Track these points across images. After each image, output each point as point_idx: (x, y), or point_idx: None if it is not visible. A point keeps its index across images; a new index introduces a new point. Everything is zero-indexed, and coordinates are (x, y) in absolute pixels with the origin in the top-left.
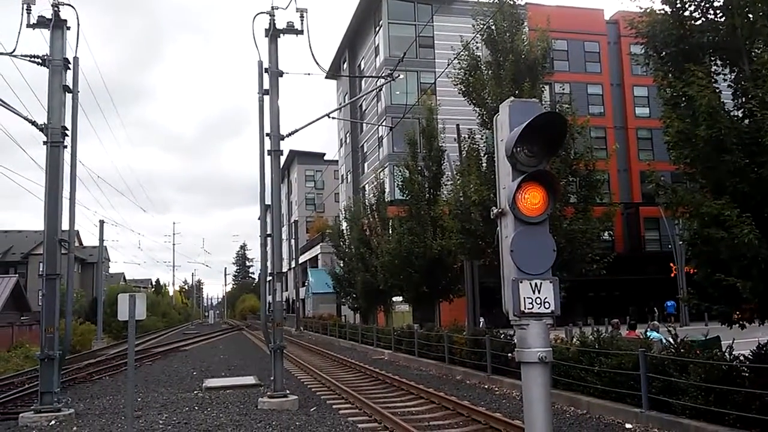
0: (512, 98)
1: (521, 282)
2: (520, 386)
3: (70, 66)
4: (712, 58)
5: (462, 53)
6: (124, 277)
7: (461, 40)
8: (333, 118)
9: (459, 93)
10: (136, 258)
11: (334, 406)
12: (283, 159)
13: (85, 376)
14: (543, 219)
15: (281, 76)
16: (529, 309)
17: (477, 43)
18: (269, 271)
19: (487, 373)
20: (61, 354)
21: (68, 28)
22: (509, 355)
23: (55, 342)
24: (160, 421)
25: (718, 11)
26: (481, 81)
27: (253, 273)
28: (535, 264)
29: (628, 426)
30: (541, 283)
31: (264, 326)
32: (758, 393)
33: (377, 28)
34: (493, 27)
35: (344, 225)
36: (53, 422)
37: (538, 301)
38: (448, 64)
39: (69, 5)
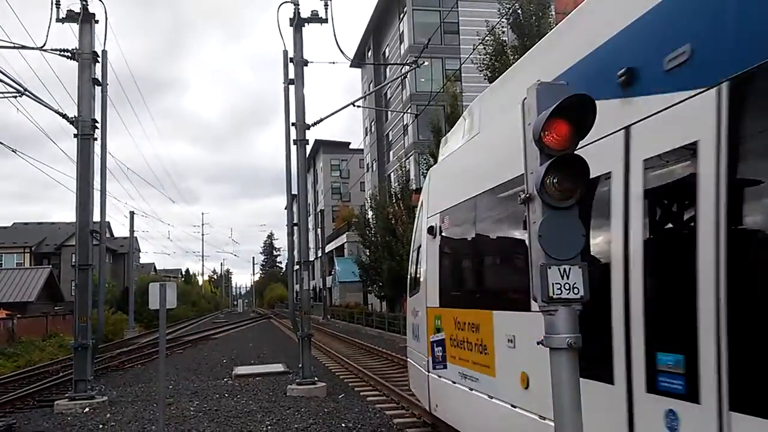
0: (540, 81)
1: (549, 267)
2: None
3: (99, 59)
4: None
5: (487, 38)
6: (155, 268)
7: (487, 24)
8: (358, 106)
9: (484, 79)
10: (166, 248)
11: (361, 393)
12: (308, 148)
13: (118, 364)
14: (572, 204)
15: (306, 65)
16: (557, 295)
17: (503, 27)
18: (296, 260)
19: None
20: (94, 343)
21: (96, 22)
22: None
23: (88, 331)
24: (191, 408)
25: None
26: (507, 66)
27: (280, 262)
28: (564, 249)
29: None
30: (570, 269)
31: (292, 315)
32: None
33: (402, 15)
34: (519, 10)
35: (370, 214)
36: (87, 409)
37: (567, 286)
38: (473, 50)
39: None
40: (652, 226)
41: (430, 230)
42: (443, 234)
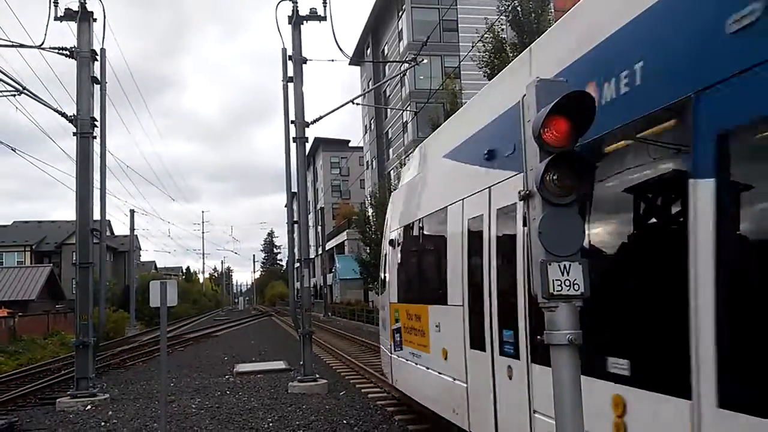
0: (539, 78)
1: (550, 264)
2: None
3: (98, 57)
4: None
5: (486, 35)
6: (155, 266)
7: (486, 22)
8: (357, 104)
9: (484, 76)
10: (167, 246)
11: (363, 390)
12: (308, 146)
13: (119, 362)
14: (572, 201)
15: (305, 63)
16: (558, 291)
17: (502, 24)
18: (297, 257)
19: None
20: (96, 341)
21: (95, 20)
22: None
23: (90, 329)
24: (193, 405)
25: None
26: (506, 63)
27: (281, 260)
28: (564, 246)
29: None
30: (570, 265)
31: (293, 312)
32: None
33: (400, 13)
34: (518, 8)
35: (370, 211)
36: (89, 407)
37: (567, 283)
38: (473, 47)
39: None
40: (498, 251)
41: (391, 242)
42: (399, 246)
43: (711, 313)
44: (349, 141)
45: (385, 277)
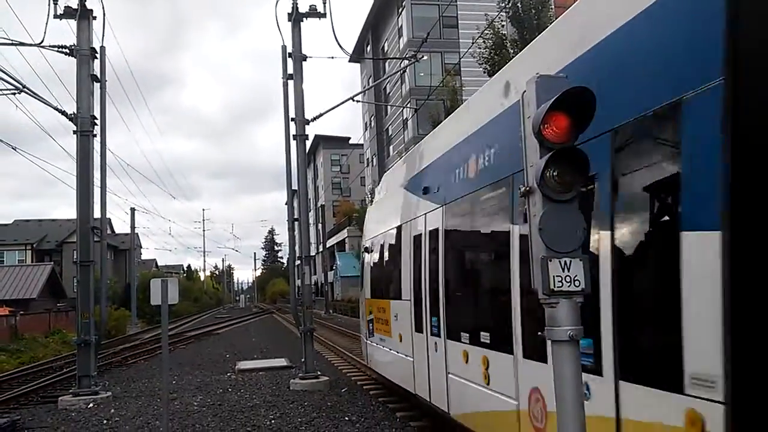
0: (539, 74)
1: (550, 260)
2: None
3: (97, 55)
4: None
5: (487, 32)
6: (156, 264)
7: (486, 18)
8: (357, 101)
9: (484, 72)
10: (168, 244)
11: (364, 387)
12: (308, 144)
13: (121, 360)
14: (572, 197)
15: (305, 60)
16: (558, 287)
17: (502, 21)
18: (297, 255)
19: None
20: (97, 339)
21: (94, 18)
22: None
23: (91, 327)
24: (195, 403)
25: None
26: (506, 59)
27: (281, 257)
28: (565, 242)
29: None
30: (570, 261)
31: (294, 309)
32: None
33: (400, 9)
34: (518, 4)
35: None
36: (91, 405)
37: (568, 279)
38: (473, 43)
39: None
40: (429, 260)
41: (366, 249)
42: (371, 253)
43: (518, 303)
44: (349, 138)
45: (362, 277)
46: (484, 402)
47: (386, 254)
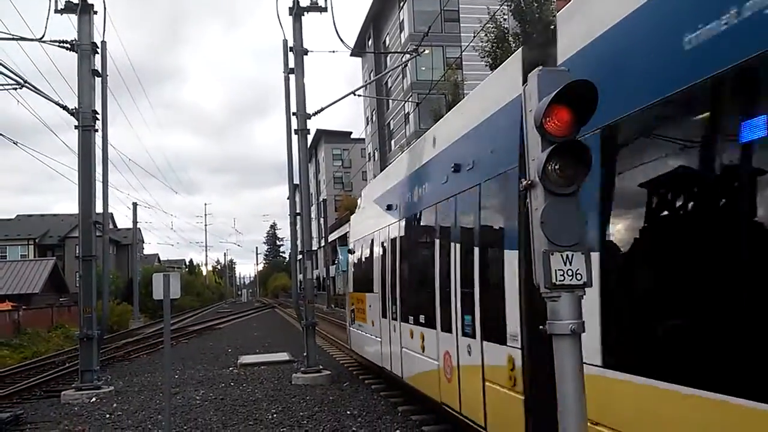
0: (541, 67)
1: (552, 254)
2: None
3: (98, 50)
4: None
5: (488, 25)
6: (159, 258)
7: (488, 11)
8: (359, 95)
9: (486, 66)
10: (170, 239)
11: (366, 381)
12: (310, 138)
13: (124, 354)
14: (574, 190)
15: (306, 54)
16: (560, 281)
17: (504, 14)
18: (299, 249)
19: None
20: (100, 333)
21: (95, 13)
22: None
23: (93, 322)
24: (197, 397)
25: None
26: (508, 53)
27: (283, 252)
28: (567, 236)
29: None
30: (572, 255)
31: (296, 304)
32: None
33: (402, 3)
34: None
35: None
36: (94, 399)
37: (570, 273)
38: (474, 37)
39: None
40: (391, 262)
41: (349, 251)
42: (353, 254)
43: (438, 293)
44: (351, 132)
45: (347, 275)
46: (421, 365)
47: (363, 256)
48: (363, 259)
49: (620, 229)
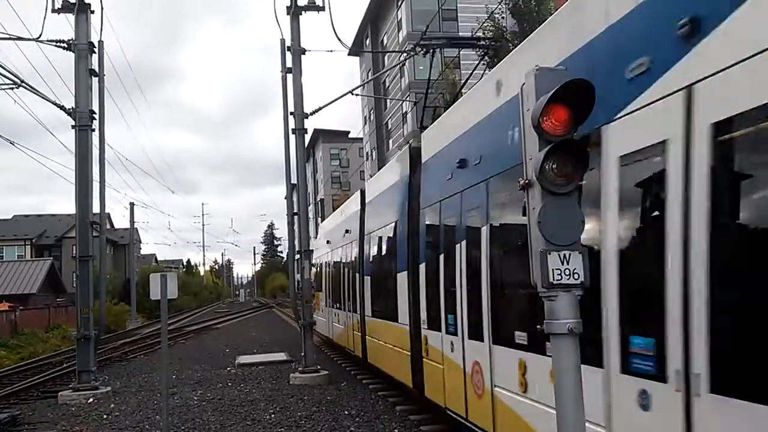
0: (538, 66)
1: (549, 254)
2: None
3: (96, 50)
4: None
5: (486, 24)
6: (156, 258)
7: (486, 10)
8: (356, 95)
9: (484, 65)
10: (167, 239)
11: (364, 381)
12: (307, 138)
13: (121, 355)
14: (571, 190)
15: (304, 53)
16: (557, 280)
17: (502, 13)
18: (297, 249)
19: None
20: (97, 334)
21: (92, 12)
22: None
23: (91, 322)
24: (195, 398)
25: None
26: (506, 52)
27: (281, 252)
28: (564, 235)
29: None
30: (570, 254)
31: (293, 304)
32: None
33: (400, 2)
34: None
35: None
36: (91, 400)
37: (567, 272)
38: (472, 36)
39: None
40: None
41: (313, 265)
42: (315, 267)
43: (347, 290)
44: (348, 132)
45: (316, 280)
46: (334, 328)
47: (319, 269)
48: (318, 271)
49: None
